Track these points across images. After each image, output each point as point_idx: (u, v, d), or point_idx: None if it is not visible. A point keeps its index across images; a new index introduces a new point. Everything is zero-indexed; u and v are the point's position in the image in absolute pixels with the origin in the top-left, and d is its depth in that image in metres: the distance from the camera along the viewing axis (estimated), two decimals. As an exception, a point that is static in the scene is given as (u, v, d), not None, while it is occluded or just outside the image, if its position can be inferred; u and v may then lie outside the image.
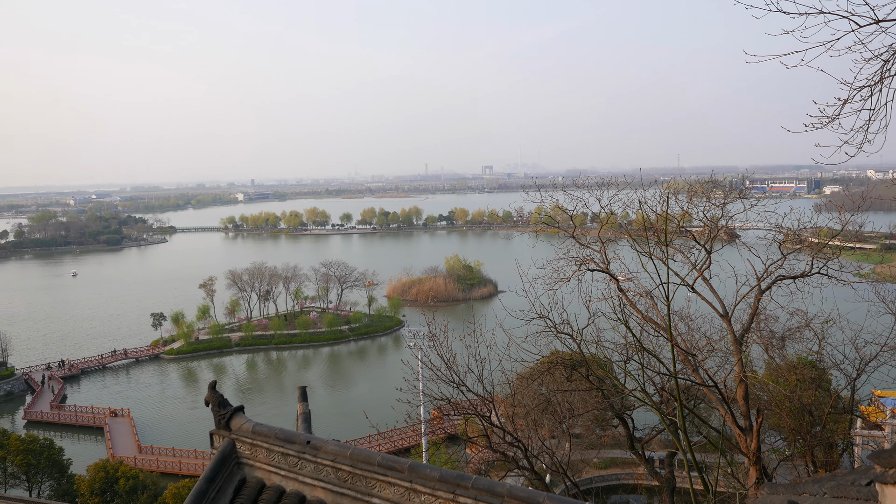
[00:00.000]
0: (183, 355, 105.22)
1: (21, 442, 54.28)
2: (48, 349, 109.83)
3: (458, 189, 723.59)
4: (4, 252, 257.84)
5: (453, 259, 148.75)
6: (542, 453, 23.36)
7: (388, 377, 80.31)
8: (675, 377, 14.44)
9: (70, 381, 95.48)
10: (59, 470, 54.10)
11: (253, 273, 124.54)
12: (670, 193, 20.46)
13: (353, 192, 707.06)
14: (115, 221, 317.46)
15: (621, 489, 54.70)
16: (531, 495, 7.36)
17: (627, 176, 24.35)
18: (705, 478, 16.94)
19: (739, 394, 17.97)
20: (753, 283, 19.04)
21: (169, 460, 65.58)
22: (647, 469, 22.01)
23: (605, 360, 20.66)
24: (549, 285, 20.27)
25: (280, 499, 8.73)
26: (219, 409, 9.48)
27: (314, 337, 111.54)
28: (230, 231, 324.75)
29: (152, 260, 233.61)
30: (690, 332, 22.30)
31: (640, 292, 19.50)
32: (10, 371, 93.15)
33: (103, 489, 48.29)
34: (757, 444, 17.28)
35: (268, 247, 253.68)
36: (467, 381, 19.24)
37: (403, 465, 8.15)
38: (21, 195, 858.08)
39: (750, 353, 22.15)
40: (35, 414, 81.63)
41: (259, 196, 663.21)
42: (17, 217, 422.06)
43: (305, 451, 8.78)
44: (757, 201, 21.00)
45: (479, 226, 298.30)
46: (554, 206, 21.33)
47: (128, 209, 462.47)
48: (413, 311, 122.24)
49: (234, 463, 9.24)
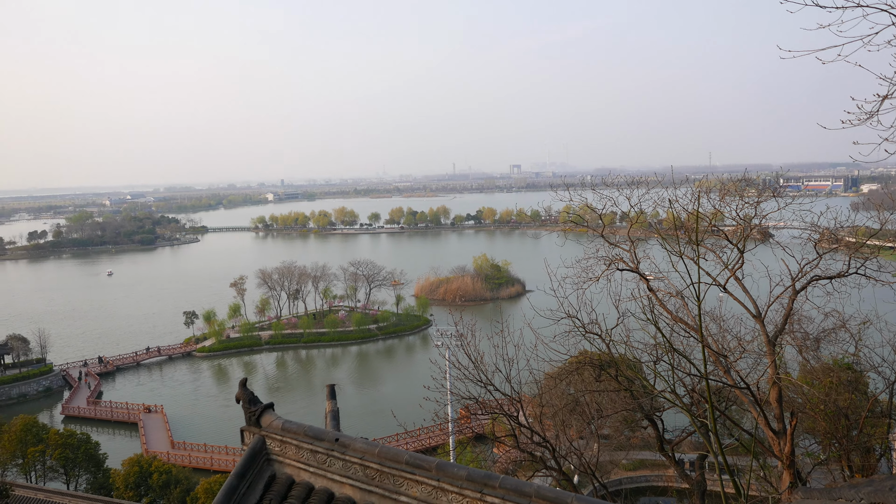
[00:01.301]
0: (214, 353, 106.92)
1: (60, 436, 55.75)
2: (87, 346, 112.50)
3: (485, 188, 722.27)
4: (44, 252, 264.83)
5: (481, 258, 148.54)
6: (570, 454, 23.21)
7: (416, 376, 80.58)
8: (706, 378, 14.21)
9: (105, 377, 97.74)
10: (96, 464, 55.40)
11: (282, 272, 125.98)
12: (701, 192, 20.16)
13: (381, 192, 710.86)
14: (148, 221, 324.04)
15: (650, 491, 54.07)
16: (559, 496, 7.32)
17: (657, 174, 24.06)
18: (737, 481, 16.65)
19: (773, 396, 17.62)
20: (788, 284, 18.64)
21: (201, 456, 66.70)
22: (677, 471, 21.72)
23: (635, 360, 20.43)
24: (577, 285, 20.12)
25: (309, 495, 8.81)
26: (249, 406, 9.61)
27: (342, 335, 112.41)
28: (260, 231, 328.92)
29: (185, 259, 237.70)
30: (722, 333, 21.92)
31: (670, 292, 19.24)
32: (48, 367, 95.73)
33: (137, 483, 49.33)
34: (791, 448, 16.92)
35: (297, 246, 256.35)
36: (495, 380, 19.21)
37: (431, 464, 8.17)
38: (59, 196, 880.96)
39: (783, 355, 21.72)
40: (72, 409, 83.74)
41: (288, 196, 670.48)
42: (56, 217, 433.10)
43: (334, 449, 8.85)
44: (791, 200, 20.52)
45: (507, 225, 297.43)
46: (582, 204, 21.16)
47: (161, 209, 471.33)
48: (441, 311, 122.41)
49: (264, 459, 9.36)
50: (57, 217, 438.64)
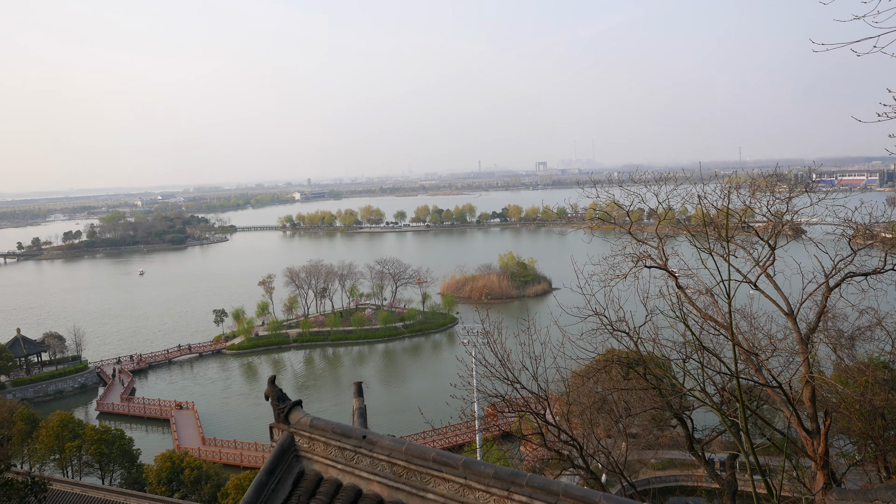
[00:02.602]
0: (243, 351, 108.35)
1: (95, 432, 57.07)
2: (122, 344, 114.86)
3: (511, 186, 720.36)
4: (78, 252, 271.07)
5: (507, 256, 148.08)
6: (598, 452, 23.04)
7: (442, 374, 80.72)
8: (736, 377, 13.99)
9: (138, 374, 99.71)
10: (130, 459, 56.56)
11: (310, 271, 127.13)
12: (731, 188, 19.84)
13: (406, 190, 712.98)
14: (179, 221, 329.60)
15: (679, 491, 53.41)
16: (587, 494, 7.28)
17: (686, 170, 23.74)
18: (769, 481, 16.38)
19: (806, 395, 17.29)
20: (821, 280, 18.26)
21: (231, 452, 67.66)
22: (707, 471, 21.43)
23: (663, 358, 20.20)
24: (604, 282, 19.95)
25: (337, 492, 8.89)
26: (278, 403, 9.72)
27: (369, 334, 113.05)
28: (287, 230, 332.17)
29: (214, 258, 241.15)
30: (753, 331, 21.54)
31: (699, 290, 18.98)
32: (83, 365, 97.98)
33: (170, 479, 50.22)
34: (825, 448, 16.60)
35: (324, 245, 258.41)
36: (521, 378, 19.14)
37: (458, 462, 8.18)
38: (93, 196, 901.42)
39: (817, 354, 21.28)
40: (107, 405, 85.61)
41: (315, 195, 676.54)
42: (90, 218, 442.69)
43: (361, 446, 8.91)
44: (824, 195, 20.07)
45: (533, 222, 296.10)
46: (609, 201, 20.97)
47: (191, 209, 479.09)
48: (467, 309, 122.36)
49: (292, 456, 9.46)
50: (91, 217, 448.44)
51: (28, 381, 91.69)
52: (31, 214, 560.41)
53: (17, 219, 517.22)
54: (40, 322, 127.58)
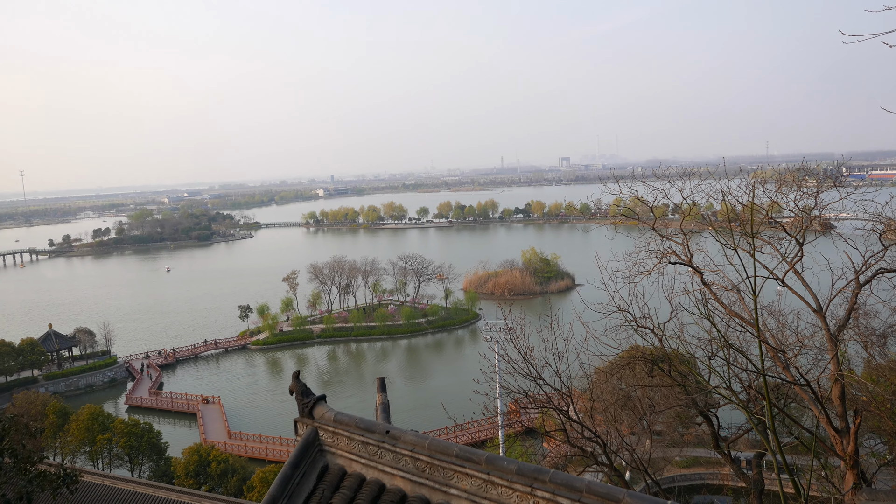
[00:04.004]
0: (268, 346, 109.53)
1: (125, 425, 58.20)
2: (151, 340, 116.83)
3: (534, 181, 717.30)
4: (107, 248, 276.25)
5: (530, 252, 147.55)
6: (622, 449, 22.90)
7: (465, 370, 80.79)
8: (763, 374, 13.81)
9: (166, 369, 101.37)
10: (158, 452, 57.57)
11: (333, 267, 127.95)
12: (757, 182, 19.54)
13: (429, 187, 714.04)
14: (205, 218, 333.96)
15: (705, 489, 52.83)
16: (610, 491, 7.25)
17: (711, 165, 23.44)
18: (797, 480, 16.15)
19: (835, 393, 16.99)
20: (851, 277, 17.92)
21: (256, 446, 68.49)
22: (733, 469, 21.19)
23: (688, 355, 20.00)
24: (628, 278, 19.80)
25: (361, 486, 8.97)
26: (302, 397, 9.83)
27: (392, 329, 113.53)
28: (311, 226, 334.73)
29: (239, 255, 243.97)
30: (780, 328, 21.22)
31: (725, 286, 18.74)
32: (113, 359, 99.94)
33: (197, 472, 51.03)
34: (854, 447, 16.31)
35: (347, 241, 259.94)
36: (544, 374, 19.09)
37: (481, 457, 8.20)
38: (121, 194, 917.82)
39: (846, 351, 20.90)
40: (135, 399, 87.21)
41: (338, 192, 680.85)
42: (118, 215, 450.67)
43: (385, 441, 8.98)
44: (854, 189, 19.67)
45: (556, 218, 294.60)
46: (633, 197, 20.79)
47: (216, 206, 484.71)
48: (489, 305, 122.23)
49: (317, 450, 9.56)
50: (119, 215, 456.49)
51: (59, 376, 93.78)
52: (62, 212, 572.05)
53: (48, 216, 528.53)
54: (71, 318, 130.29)
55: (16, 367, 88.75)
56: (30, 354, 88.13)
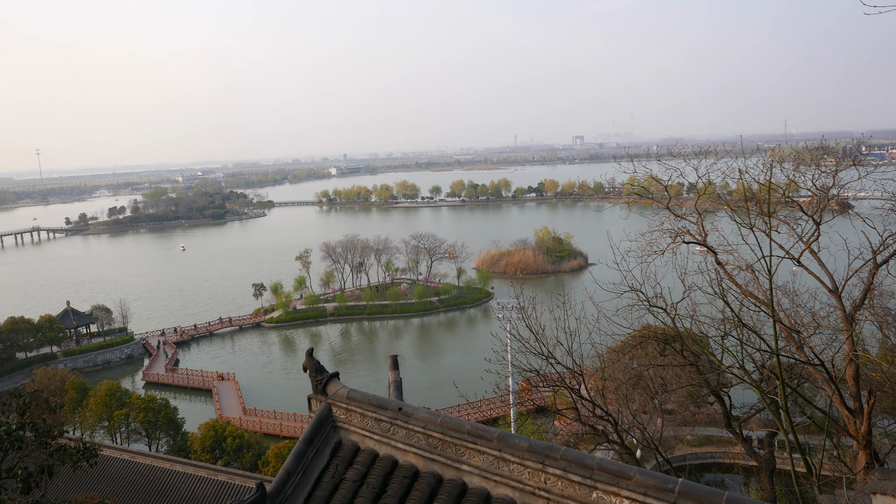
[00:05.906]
0: (282, 324, 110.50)
1: (142, 401, 59.20)
2: (167, 317, 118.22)
3: (547, 160, 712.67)
4: (123, 227, 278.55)
5: (542, 231, 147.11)
6: (633, 428, 22.99)
7: (477, 348, 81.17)
8: (776, 354, 13.76)
9: (181, 346, 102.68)
10: (175, 428, 58.53)
11: (346, 245, 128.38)
12: (774, 161, 19.29)
13: (441, 165, 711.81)
14: (218, 197, 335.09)
15: (716, 468, 53.05)
16: (621, 468, 7.29)
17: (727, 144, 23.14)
18: (808, 460, 16.16)
19: (849, 374, 16.90)
20: (868, 257, 17.71)
21: (271, 422, 69.46)
22: (744, 448, 21.23)
23: (701, 335, 19.94)
24: (641, 258, 19.71)
25: (374, 462, 9.08)
26: (316, 374, 9.93)
27: (405, 308, 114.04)
28: (324, 205, 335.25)
29: (253, 233, 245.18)
30: (795, 308, 21.07)
31: (739, 266, 18.61)
32: (130, 336, 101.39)
33: (213, 447, 51.87)
34: (867, 427, 16.25)
35: (360, 220, 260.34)
36: (556, 353, 19.14)
37: (493, 435, 8.26)
38: (136, 173, 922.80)
39: (862, 332, 20.75)
40: (152, 376, 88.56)
41: (351, 170, 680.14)
42: (133, 194, 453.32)
43: (397, 418, 9.06)
44: (874, 168, 19.37)
45: (570, 197, 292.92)
46: (648, 176, 20.61)
47: (230, 185, 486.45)
48: (502, 284, 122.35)
49: (330, 426, 9.68)
50: (134, 193, 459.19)
51: (78, 352, 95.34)
52: (78, 190, 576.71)
53: (65, 195, 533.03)
54: (89, 295, 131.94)
55: (35, 344, 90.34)
56: (48, 331, 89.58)
